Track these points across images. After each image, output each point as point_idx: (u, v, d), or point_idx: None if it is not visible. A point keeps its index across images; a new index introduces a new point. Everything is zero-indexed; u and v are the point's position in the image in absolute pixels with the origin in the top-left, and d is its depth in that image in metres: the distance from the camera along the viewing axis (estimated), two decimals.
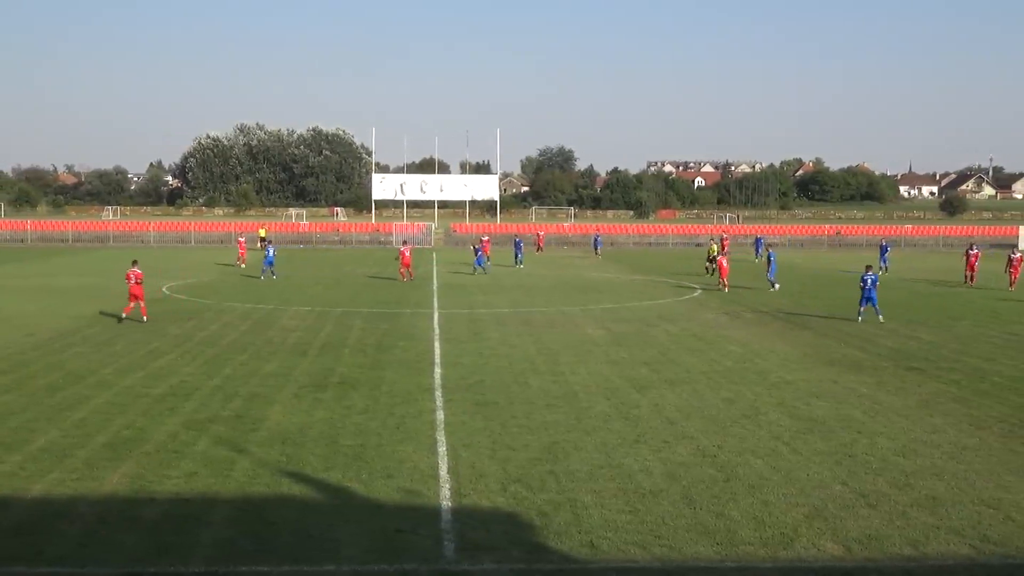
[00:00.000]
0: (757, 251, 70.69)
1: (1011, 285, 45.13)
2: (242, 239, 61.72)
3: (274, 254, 49.97)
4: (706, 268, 52.45)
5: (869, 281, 31.95)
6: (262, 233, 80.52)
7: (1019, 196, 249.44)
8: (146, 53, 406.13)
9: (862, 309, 32.34)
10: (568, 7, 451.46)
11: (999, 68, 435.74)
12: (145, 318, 30.22)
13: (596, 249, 74.96)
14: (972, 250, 48.35)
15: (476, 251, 54.32)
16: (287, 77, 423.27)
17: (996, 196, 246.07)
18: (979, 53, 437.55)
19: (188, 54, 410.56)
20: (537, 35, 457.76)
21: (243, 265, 56.75)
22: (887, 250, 58.56)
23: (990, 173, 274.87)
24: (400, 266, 48.27)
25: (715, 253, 53.47)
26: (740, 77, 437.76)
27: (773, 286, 43.72)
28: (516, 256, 60.84)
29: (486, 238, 65.88)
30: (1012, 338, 28.73)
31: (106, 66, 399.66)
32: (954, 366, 23.80)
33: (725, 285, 43.41)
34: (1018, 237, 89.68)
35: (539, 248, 76.64)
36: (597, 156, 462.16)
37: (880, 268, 55.08)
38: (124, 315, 30.44)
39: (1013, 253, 47.13)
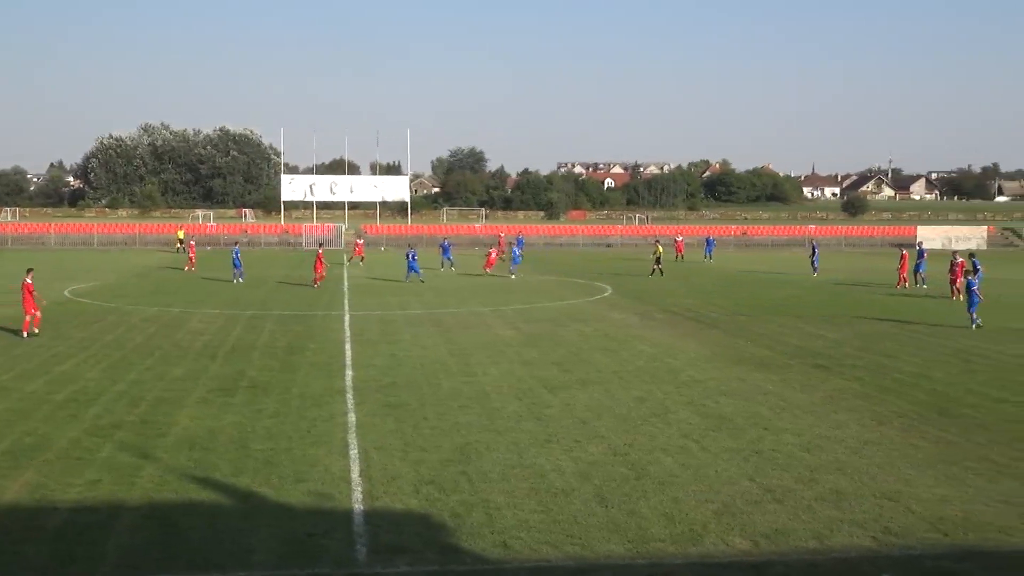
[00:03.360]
0: (707, 251, 70.71)
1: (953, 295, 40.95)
2: (192, 242, 60.63)
3: (239, 256, 48.39)
4: (653, 270, 53.12)
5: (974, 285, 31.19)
6: (180, 235, 79.10)
7: (916, 197, 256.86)
8: (45, 48, 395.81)
9: (974, 315, 30.95)
10: (474, 9, 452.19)
11: (897, 72, 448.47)
12: (29, 331, 27.67)
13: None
14: (957, 259, 42.46)
15: (409, 257, 49.56)
16: (191, 77, 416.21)
17: (895, 197, 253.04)
18: (876, 57, 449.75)
19: (90, 50, 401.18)
20: (446, 36, 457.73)
21: (194, 268, 55.59)
22: (817, 250, 57.18)
23: (889, 175, 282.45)
24: (316, 271, 45.50)
25: (660, 254, 54.11)
26: (647, 78, 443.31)
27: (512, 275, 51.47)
28: (442, 260, 58.25)
29: (360, 241, 65.90)
30: (911, 335, 29.55)
31: (2, 63, 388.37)
32: (857, 363, 24.39)
33: (485, 271, 52.69)
34: (916, 237, 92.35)
35: (500, 251, 73.10)
36: (508, 157, 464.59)
37: (812, 270, 55.34)
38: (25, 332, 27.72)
39: (955, 258, 42.63)
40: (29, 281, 28.46)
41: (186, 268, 55.83)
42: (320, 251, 47.25)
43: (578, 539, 11.64)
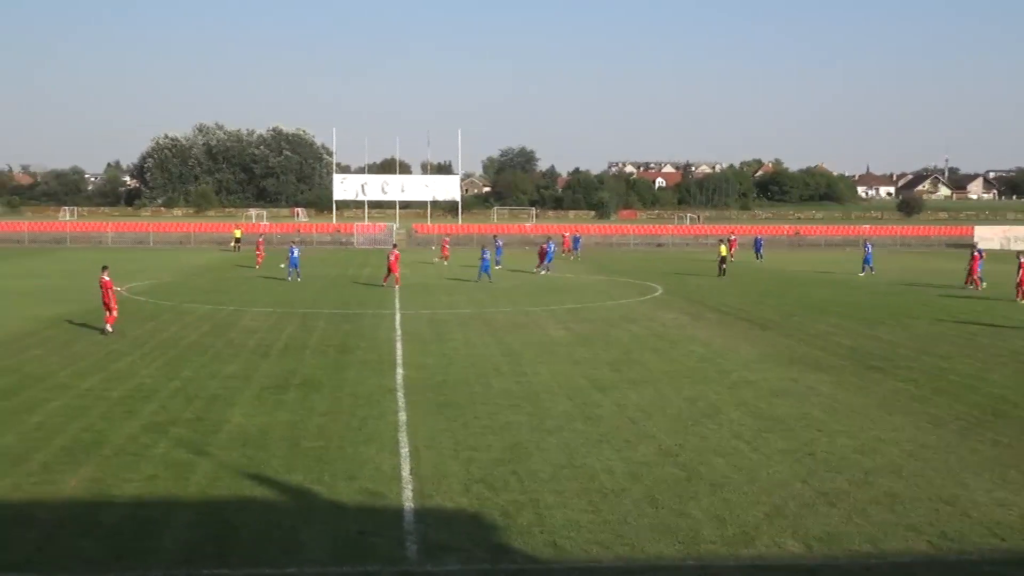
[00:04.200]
0: (757, 251, 69.47)
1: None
2: (261, 239, 61.43)
3: (298, 255, 49.15)
4: (721, 270, 53.09)
5: None
6: (237, 234, 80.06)
7: (974, 197, 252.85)
8: (103, 52, 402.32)
9: None
10: (526, 8, 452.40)
11: (953, 70, 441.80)
12: (105, 329, 28.01)
13: (575, 250, 73.56)
14: (1021, 259, 40.57)
15: (485, 256, 49.14)
16: (246, 77, 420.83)
17: (952, 196, 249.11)
18: (933, 56, 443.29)
19: (147, 53, 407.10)
20: (497, 36, 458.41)
21: (258, 266, 56.57)
22: (869, 249, 56.80)
23: (945, 174, 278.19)
24: (393, 271, 44.73)
25: (724, 253, 53.90)
26: (700, 78, 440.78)
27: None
28: (496, 259, 56.94)
29: (447, 238, 64.90)
30: (969, 337, 29.09)
31: (63, 65, 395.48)
32: (913, 365, 24.06)
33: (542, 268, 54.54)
34: (973, 237, 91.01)
35: (565, 250, 71.15)
36: (558, 156, 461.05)
37: (866, 269, 54.91)
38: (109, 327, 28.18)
39: (1020, 259, 40.63)
40: (107, 278, 28.93)
41: (257, 266, 56.65)
42: (396, 251, 46.91)
43: (628, 540, 11.60)
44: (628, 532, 11.85)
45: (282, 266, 53.60)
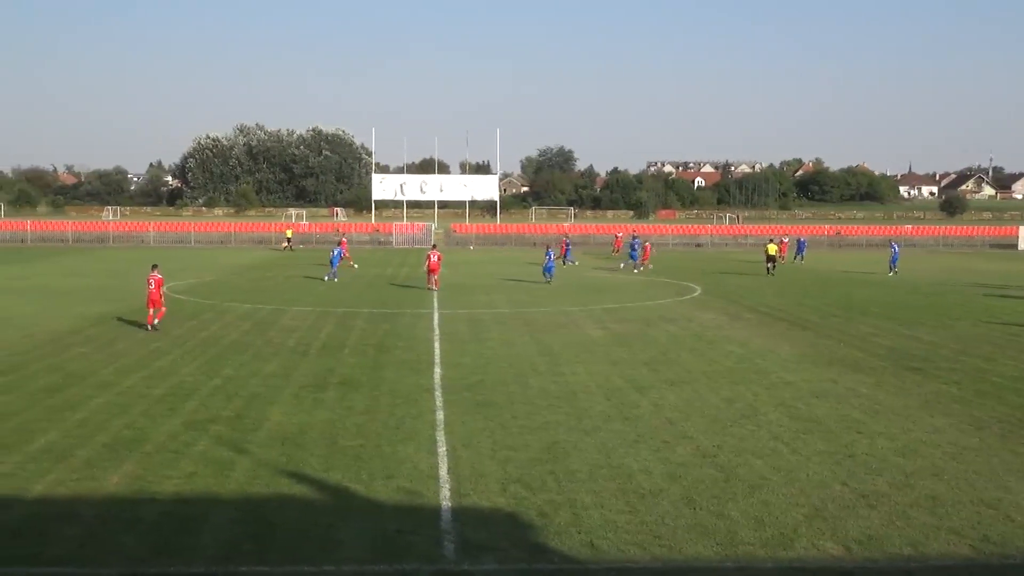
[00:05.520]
0: (798, 252, 67.68)
1: None
2: (344, 239, 61.10)
3: (337, 255, 49.64)
4: (767, 269, 53.60)
5: None
6: (288, 234, 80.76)
7: (1019, 196, 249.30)
8: (146, 53, 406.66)
9: None
10: (567, 7, 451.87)
11: (998, 68, 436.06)
12: (150, 326, 28.62)
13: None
14: None
15: (549, 255, 49.22)
16: (287, 77, 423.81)
17: (996, 196, 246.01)
18: (978, 53, 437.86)
19: (188, 54, 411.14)
20: (537, 35, 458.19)
21: (355, 265, 56.39)
22: (896, 250, 56.48)
23: (990, 173, 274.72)
24: (428, 272, 43.52)
25: (772, 252, 53.90)
26: (740, 77, 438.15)
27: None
28: (564, 259, 57.64)
29: (565, 239, 62.87)
30: (1012, 338, 28.72)
31: (106, 66, 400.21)
32: (954, 366, 23.80)
33: (645, 265, 57.72)
34: (1018, 237, 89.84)
35: (616, 251, 70.62)
36: (597, 156, 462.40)
37: (890, 270, 54.72)
38: (149, 325, 28.76)
39: None
40: (160, 276, 29.51)
41: (350, 265, 55.90)
42: (438, 251, 45.24)
43: (665, 541, 11.56)
44: (665, 533, 11.81)
45: (354, 266, 55.72)
